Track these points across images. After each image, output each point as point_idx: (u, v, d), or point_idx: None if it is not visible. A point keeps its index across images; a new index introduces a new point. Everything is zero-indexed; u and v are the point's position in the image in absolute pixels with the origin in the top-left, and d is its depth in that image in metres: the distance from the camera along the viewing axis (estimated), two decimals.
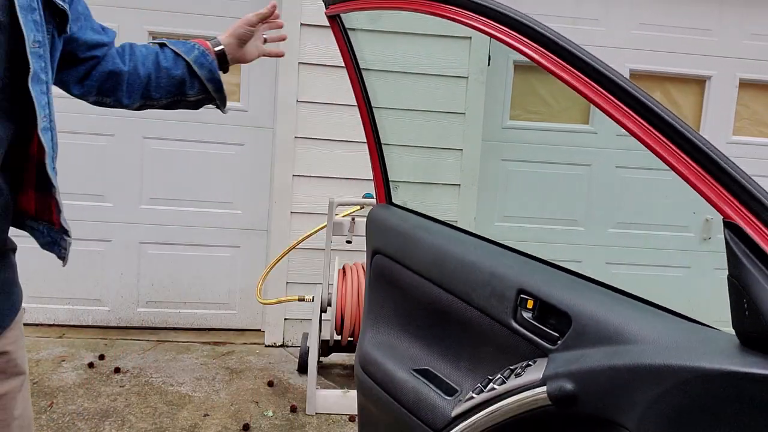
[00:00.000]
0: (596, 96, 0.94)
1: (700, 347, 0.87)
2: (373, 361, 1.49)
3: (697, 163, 0.85)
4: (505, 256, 1.28)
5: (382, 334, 1.53)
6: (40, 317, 3.51)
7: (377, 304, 1.56)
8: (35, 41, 1.07)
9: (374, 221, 1.60)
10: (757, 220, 0.81)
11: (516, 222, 3.79)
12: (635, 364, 0.90)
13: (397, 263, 1.47)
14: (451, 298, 1.31)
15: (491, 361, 1.23)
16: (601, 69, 0.94)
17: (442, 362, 1.37)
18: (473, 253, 1.29)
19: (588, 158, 3.78)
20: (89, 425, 2.57)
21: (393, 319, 1.52)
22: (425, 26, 3.33)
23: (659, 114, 0.88)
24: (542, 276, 1.15)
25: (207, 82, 1.39)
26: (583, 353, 0.99)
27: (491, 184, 3.72)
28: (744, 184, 0.82)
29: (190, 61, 1.37)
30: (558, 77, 0.98)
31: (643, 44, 3.73)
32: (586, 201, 3.81)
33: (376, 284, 1.56)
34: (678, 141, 0.87)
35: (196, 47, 1.39)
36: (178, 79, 1.36)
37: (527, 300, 1.12)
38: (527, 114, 3.77)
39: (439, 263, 1.34)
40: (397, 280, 1.49)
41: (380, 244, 1.54)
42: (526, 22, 1.02)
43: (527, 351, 1.12)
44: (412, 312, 1.46)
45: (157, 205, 3.56)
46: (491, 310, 1.19)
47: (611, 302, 1.04)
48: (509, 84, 3.72)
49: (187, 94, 1.40)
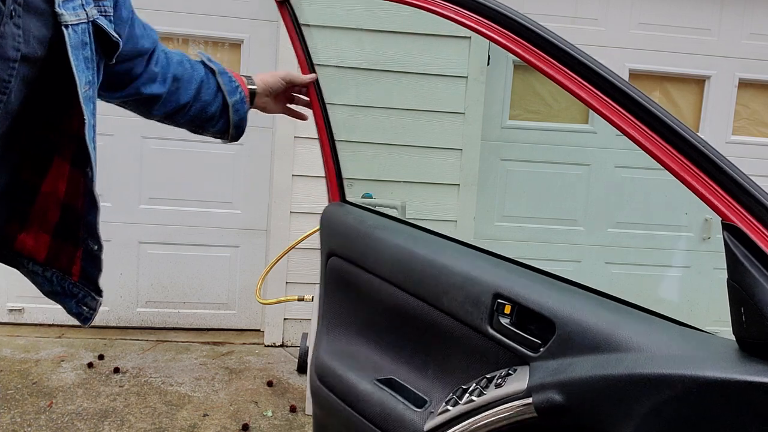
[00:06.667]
0: (592, 98, 0.91)
1: (698, 354, 0.84)
2: (332, 371, 1.38)
3: (695, 164, 0.83)
4: (479, 258, 1.21)
5: (340, 342, 1.43)
6: (40, 317, 3.51)
7: (333, 309, 1.46)
8: (87, 83, 0.96)
9: (329, 221, 1.51)
10: (757, 222, 0.79)
11: (516, 222, 3.79)
12: (630, 374, 0.85)
13: (356, 266, 1.38)
14: (418, 303, 1.22)
15: (463, 370, 1.16)
16: (596, 68, 0.91)
17: (407, 371, 1.28)
18: (444, 255, 1.21)
19: (587, 158, 3.78)
20: (88, 425, 2.56)
21: (351, 325, 1.43)
22: (425, 26, 3.33)
23: (655, 114, 0.86)
24: (520, 279, 1.09)
25: (233, 127, 1.34)
26: (570, 362, 0.94)
27: (491, 184, 3.72)
28: (743, 185, 0.80)
29: (230, 104, 1.31)
30: (551, 77, 0.94)
31: (642, 44, 3.73)
32: (585, 201, 3.81)
33: (332, 288, 1.47)
34: (674, 142, 0.85)
35: (239, 91, 1.33)
36: (209, 115, 1.30)
37: (504, 305, 1.06)
38: (527, 114, 3.77)
39: (405, 265, 1.25)
40: (356, 284, 1.39)
41: (336, 245, 1.45)
42: (518, 20, 0.97)
43: (504, 359, 1.06)
44: (373, 318, 1.37)
45: (156, 204, 3.56)
46: (465, 315, 1.12)
47: (598, 307, 0.98)
48: (509, 84, 3.71)
49: (208, 130, 1.34)
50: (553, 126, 3.75)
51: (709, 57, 3.79)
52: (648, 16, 3.74)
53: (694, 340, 0.89)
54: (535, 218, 3.79)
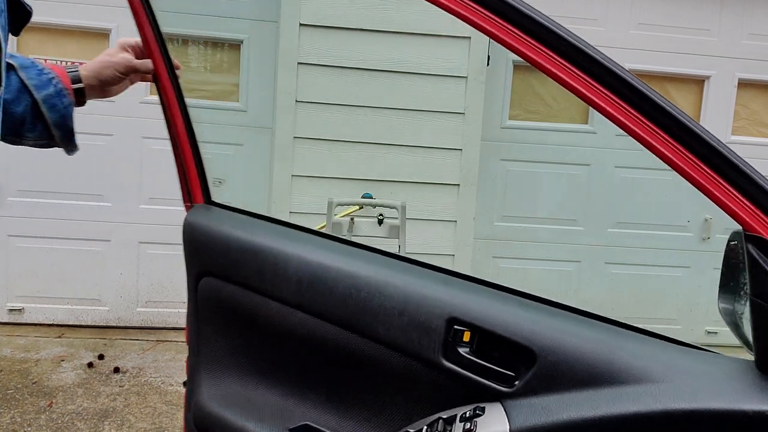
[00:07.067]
0: (593, 94, 0.80)
1: (722, 383, 0.73)
2: (221, 422, 1.11)
3: (713, 168, 0.75)
4: (424, 275, 0.99)
5: (227, 384, 1.15)
6: (40, 317, 3.51)
7: (213, 343, 1.17)
8: None
9: (195, 231, 1.20)
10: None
11: (516, 222, 3.79)
12: (650, 411, 0.72)
13: (241, 287, 1.11)
14: (338, 331, 1.01)
15: (403, 410, 0.98)
16: (599, 58, 0.80)
17: (326, 414, 1.05)
18: (375, 271, 0.99)
19: (587, 158, 3.78)
20: (88, 425, 2.56)
21: (241, 361, 1.15)
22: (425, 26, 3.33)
23: (669, 111, 0.77)
24: (482, 300, 0.92)
25: (54, 128, 1.12)
26: (562, 399, 0.79)
27: (491, 184, 3.73)
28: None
29: (39, 100, 1.10)
30: (549, 72, 0.82)
31: (642, 44, 3.74)
32: (585, 201, 3.81)
33: (209, 317, 1.17)
34: (689, 142, 0.76)
35: (54, 83, 1.12)
36: (17, 118, 1.09)
37: (462, 331, 0.89)
38: (526, 114, 3.77)
39: (318, 285, 1.02)
40: (244, 310, 1.12)
41: (210, 262, 1.16)
42: (518, 6, 0.82)
43: (461, 395, 0.89)
44: (272, 351, 1.11)
45: (156, 204, 3.56)
46: (408, 345, 0.93)
47: (587, 331, 0.84)
48: (508, 84, 3.72)
49: (25, 137, 1.13)
50: (552, 126, 3.75)
51: (708, 57, 3.80)
52: (648, 17, 3.74)
53: (709, 364, 0.78)
54: (535, 218, 3.79)
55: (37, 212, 3.47)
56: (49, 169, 3.41)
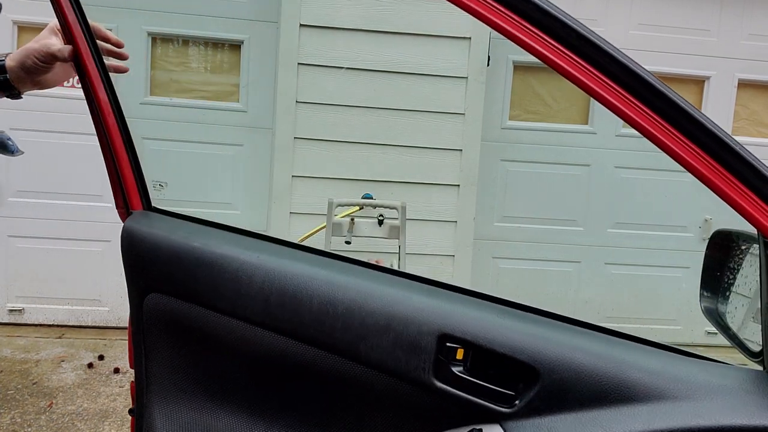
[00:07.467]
0: (601, 88, 0.76)
1: (740, 397, 0.70)
2: None
3: (731, 170, 0.73)
4: (412, 287, 0.91)
5: (184, 412, 1.03)
6: (40, 317, 3.51)
7: (165, 368, 1.05)
8: None
9: (139, 242, 1.04)
10: None
11: (516, 222, 3.79)
12: (669, 430, 0.68)
13: (195, 304, 0.99)
14: (310, 351, 0.91)
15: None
16: (609, 50, 0.76)
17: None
18: (354, 285, 0.89)
19: (587, 158, 3.78)
20: (88, 425, 2.57)
21: (197, 387, 1.03)
22: (425, 27, 3.33)
23: (683, 108, 0.74)
24: (476, 314, 0.85)
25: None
26: (568, 419, 0.74)
27: (491, 185, 3.73)
28: None
29: None
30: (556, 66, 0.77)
31: (642, 44, 3.74)
32: (585, 201, 3.81)
33: (158, 340, 1.06)
34: (705, 143, 0.73)
35: None
36: None
37: (455, 349, 0.82)
38: (526, 114, 3.78)
39: (289, 302, 0.91)
40: (199, 331, 1.01)
41: (156, 277, 1.04)
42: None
43: (454, 416, 0.83)
44: (235, 375, 1.00)
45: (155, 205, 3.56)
46: (394, 365, 0.85)
47: (592, 344, 0.79)
48: (508, 84, 3.72)
49: None
50: (552, 126, 3.76)
51: (708, 58, 3.80)
52: (647, 17, 3.74)
53: (725, 376, 0.74)
54: (535, 218, 3.79)
55: (37, 212, 3.47)
56: (49, 169, 3.41)
